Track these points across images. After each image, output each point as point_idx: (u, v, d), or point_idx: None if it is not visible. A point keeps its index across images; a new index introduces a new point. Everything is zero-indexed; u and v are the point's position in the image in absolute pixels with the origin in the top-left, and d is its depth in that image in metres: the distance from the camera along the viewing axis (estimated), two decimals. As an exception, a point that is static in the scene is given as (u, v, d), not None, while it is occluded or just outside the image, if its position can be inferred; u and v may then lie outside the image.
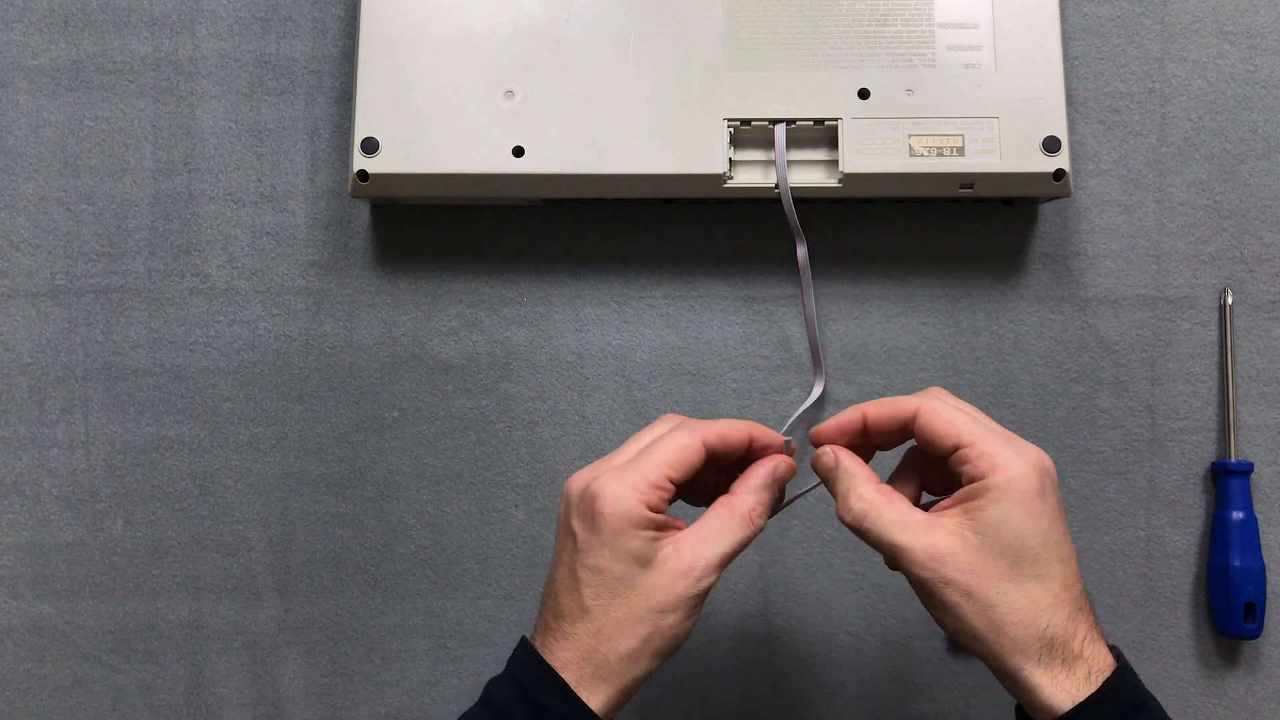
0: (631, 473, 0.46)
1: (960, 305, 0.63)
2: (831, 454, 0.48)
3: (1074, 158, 0.63)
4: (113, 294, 0.64)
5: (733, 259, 0.63)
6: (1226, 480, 0.61)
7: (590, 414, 0.63)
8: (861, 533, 0.46)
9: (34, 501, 0.64)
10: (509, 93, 0.59)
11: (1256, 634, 0.60)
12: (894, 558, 0.45)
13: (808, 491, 0.53)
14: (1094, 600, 0.62)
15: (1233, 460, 0.61)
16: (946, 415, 0.45)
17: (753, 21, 0.60)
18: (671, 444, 0.47)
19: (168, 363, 0.64)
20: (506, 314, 0.64)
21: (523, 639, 0.48)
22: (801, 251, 0.60)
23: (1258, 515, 0.61)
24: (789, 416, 0.63)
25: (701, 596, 0.46)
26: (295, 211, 0.64)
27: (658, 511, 0.46)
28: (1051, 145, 0.58)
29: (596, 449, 0.63)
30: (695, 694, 0.62)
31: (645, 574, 0.45)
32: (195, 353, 0.64)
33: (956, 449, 0.45)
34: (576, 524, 0.46)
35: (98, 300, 0.64)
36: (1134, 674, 0.44)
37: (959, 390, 0.63)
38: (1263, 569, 0.60)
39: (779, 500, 0.50)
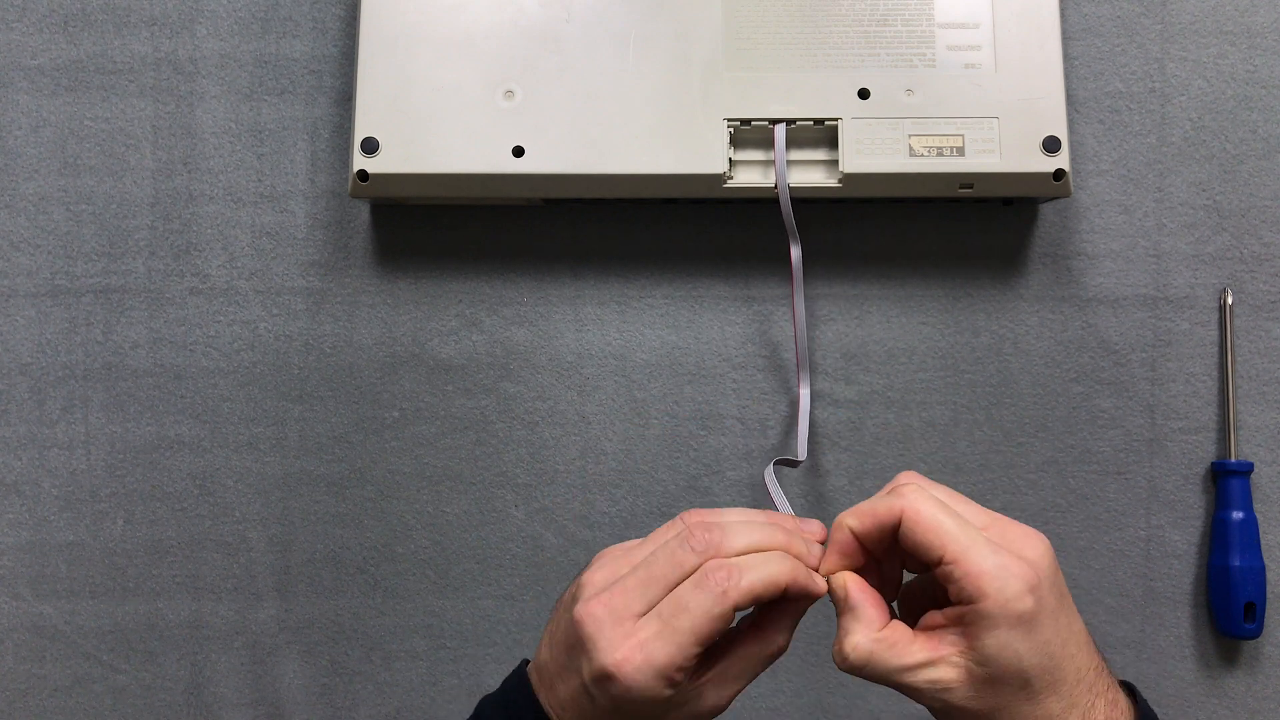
0: (656, 652, 0.41)
1: (960, 305, 0.63)
2: (841, 585, 0.44)
3: (1074, 158, 0.63)
4: (113, 294, 0.64)
5: (733, 259, 0.63)
6: (1227, 480, 0.61)
7: (590, 414, 0.63)
8: (863, 676, 0.43)
9: (34, 501, 0.64)
10: (509, 93, 0.59)
11: (1256, 634, 0.60)
12: (902, 692, 0.42)
13: None
14: (1094, 600, 0.62)
15: (1233, 460, 0.61)
16: (929, 522, 0.42)
17: (753, 21, 0.60)
18: (701, 616, 0.42)
19: (168, 363, 0.64)
20: (506, 314, 0.64)
21: (522, 668, 0.47)
22: (796, 253, 0.60)
23: (1258, 515, 0.61)
24: (786, 430, 0.63)
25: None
26: (295, 211, 0.64)
27: (674, 685, 0.42)
28: (1051, 145, 0.58)
29: (596, 449, 0.63)
30: (695, 694, 0.62)
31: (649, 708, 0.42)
32: (195, 353, 0.64)
33: (941, 563, 0.41)
34: (584, 662, 0.42)
35: (98, 300, 0.64)
36: (1151, 711, 0.44)
37: (959, 390, 0.63)
38: (1263, 569, 0.60)
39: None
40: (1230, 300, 0.62)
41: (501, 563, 0.63)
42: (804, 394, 0.60)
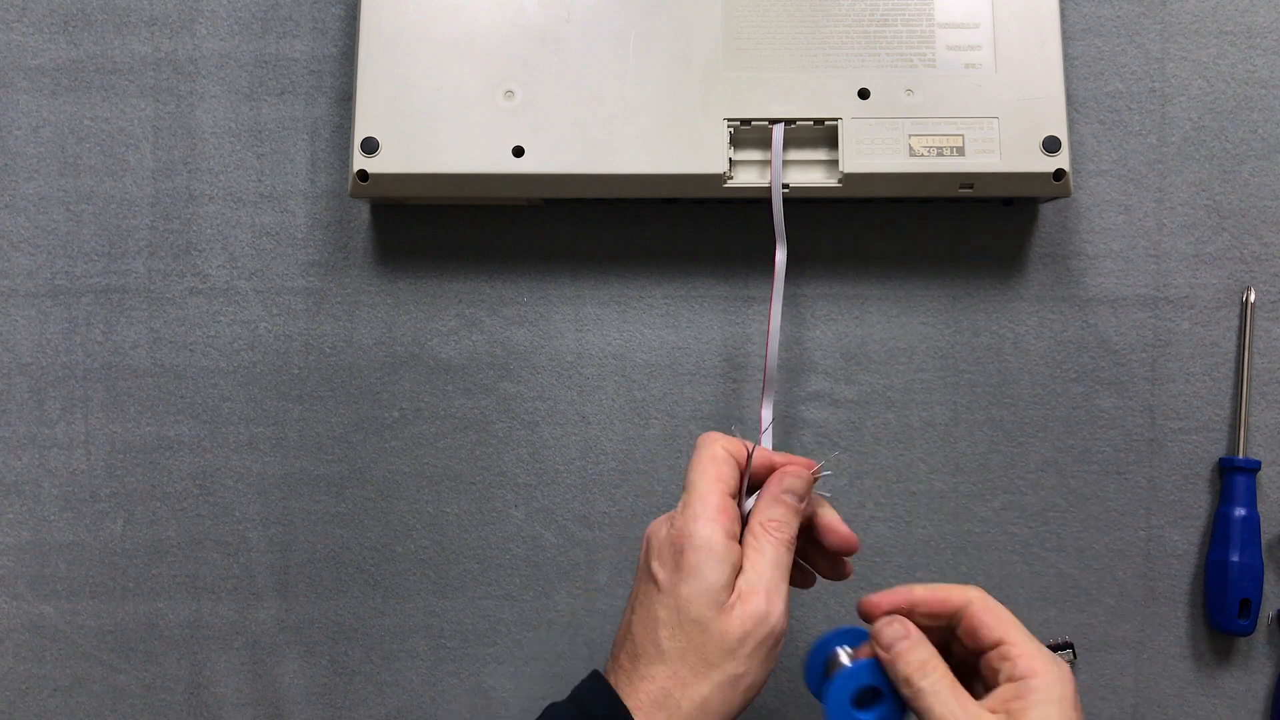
0: (700, 506, 0.47)
1: (960, 305, 0.63)
2: (901, 626, 0.47)
3: (1074, 158, 0.63)
4: (113, 294, 0.64)
5: (733, 259, 0.63)
6: (1232, 476, 0.61)
7: (590, 414, 0.63)
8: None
9: (34, 501, 0.64)
10: (509, 93, 0.59)
11: (1250, 630, 0.61)
12: None
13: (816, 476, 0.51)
14: (1094, 600, 0.62)
15: (1240, 457, 0.61)
16: (998, 610, 0.47)
17: (753, 21, 0.60)
18: (701, 469, 0.49)
19: (168, 363, 0.64)
20: (506, 314, 0.64)
21: (595, 672, 0.48)
22: (780, 256, 0.58)
23: (1259, 514, 0.61)
24: (786, 430, 0.63)
25: (776, 640, 0.46)
26: (295, 211, 0.64)
27: (733, 537, 0.47)
28: (1051, 145, 0.58)
29: (596, 449, 0.63)
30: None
31: (720, 617, 0.45)
32: (195, 353, 0.64)
33: (999, 644, 0.46)
34: (657, 565, 0.47)
35: (98, 300, 0.64)
36: None
37: (959, 390, 0.63)
38: (1261, 566, 0.61)
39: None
40: (1253, 298, 0.62)
41: (501, 563, 0.63)
42: (765, 414, 0.57)
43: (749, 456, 0.50)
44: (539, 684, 0.62)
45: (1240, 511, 0.61)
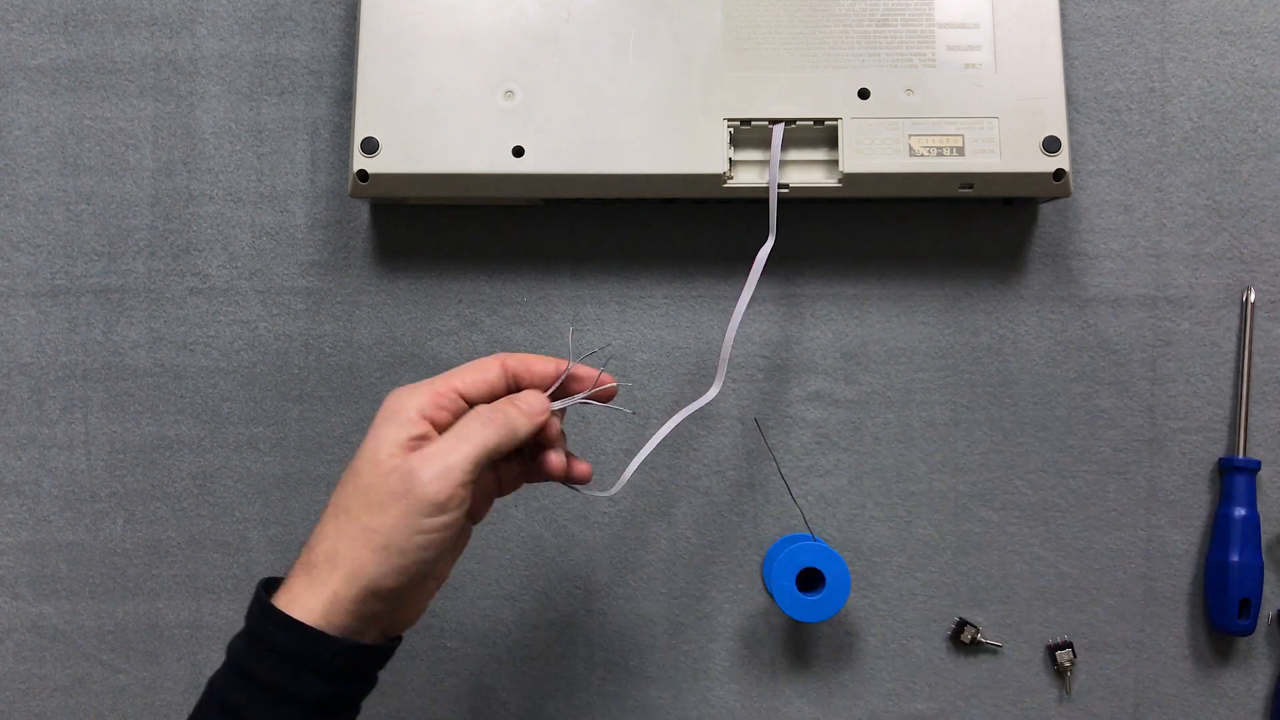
0: (424, 384, 0.47)
1: (960, 305, 0.63)
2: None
3: (1074, 158, 0.63)
4: (113, 294, 0.64)
5: (732, 259, 0.63)
6: (1232, 476, 0.61)
7: (590, 414, 0.63)
8: None
9: (34, 501, 0.64)
10: (509, 93, 0.59)
11: (1250, 630, 0.61)
12: None
13: (587, 399, 0.51)
14: (1094, 600, 0.62)
15: (1240, 457, 0.61)
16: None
17: (753, 21, 0.60)
18: (471, 365, 0.48)
19: (168, 363, 0.64)
20: (506, 314, 0.64)
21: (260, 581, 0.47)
22: (764, 249, 0.58)
23: (1259, 514, 0.61)
24: (786, 430, 0.63)
25: (442, 507, 0.44)
26: (295, 211, 0.64)
27: (432, 422, 0.46)
28: (1051, 145, 0.58)
29: (596, 449, 0.63)
30: (694, 693, 0.62)
31: (389, 474, 0.44)
32: (195, 353, 0.64)
33: None
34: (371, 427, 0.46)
35: (98, 300, 0.64)
36: None
37: (959, 390, 0.63)
38: (1261, 566, 0.61)
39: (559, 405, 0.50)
40: (1253, 298, 0.62)
41: (501, 563, 0.63)
42: (712, 390, 0.56)
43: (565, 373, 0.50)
44: (539, 684, 0.63)
45: (1240, 511, 0.61)
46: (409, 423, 0.45)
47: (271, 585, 0.45)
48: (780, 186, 0.59)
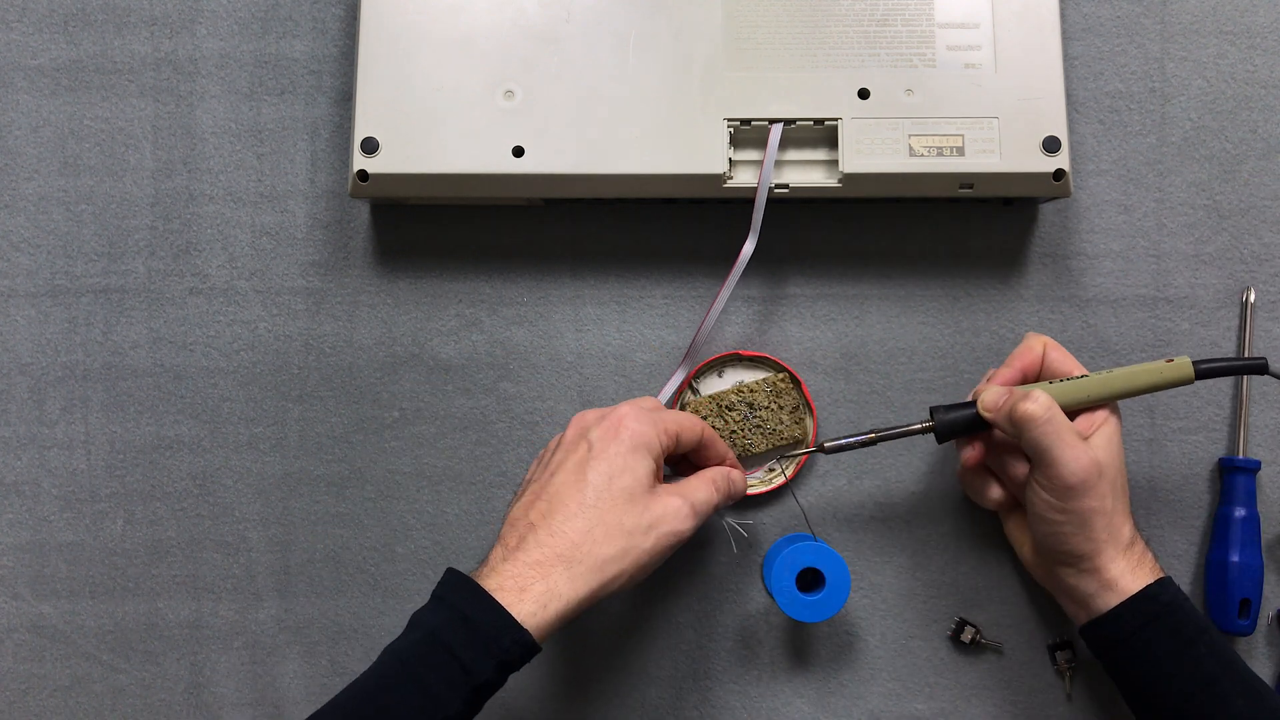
0: (651, 416, 0.53)
1: (960, 305, 0.63)
2: (1002, 388, 0.56)
3: (1074, 158, 0.63)
4: (113, 294, 0.64)
5: (732, 259, 0.63)
6: (1233, 476, 0.61)
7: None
8: (1030, 430, 0.53)
9: (34, 501, 0.64)
10: (509, 93, 0.59)
11: (1250, 630, 0.60)
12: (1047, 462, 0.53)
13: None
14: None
15: (1240, 457, 0.61)
16: (1064, 351, 0.57)
17: (753, 21, 0.60)
18: (683, 415, 0.55)
19: (168, 363, 0.64)
20: (506, 314, 0.64)
21: (450, 569, 0.52)
22: (747, 248, 0.59)
23: (1259, 514, 0.61)
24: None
25: (680, 539, 0.51)
26: (295, 211, 0.64)
27: (660, 459, 0.53)
28: (1051, 145, 0.58)
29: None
30: (696, 693, 0.62)
31: (645, 496, 0.51)
32: (195, 353, 0.64)
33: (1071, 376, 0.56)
34: (595, 435, 0.52)
35: (98, 300, 0.64)
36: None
37: (959, 390, 0.63)
38: (1261, 566, 0.60)
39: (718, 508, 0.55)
40: (1253, 298, 0.62)
41: (501, 563, 0.63)
42: (675, 378, 0.62)
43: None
44: (539, 684, 0.62)
45: (1240, 511, 0.61)
46: (656, 460, 0.52)
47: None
48: (780, 187, 0.59)
